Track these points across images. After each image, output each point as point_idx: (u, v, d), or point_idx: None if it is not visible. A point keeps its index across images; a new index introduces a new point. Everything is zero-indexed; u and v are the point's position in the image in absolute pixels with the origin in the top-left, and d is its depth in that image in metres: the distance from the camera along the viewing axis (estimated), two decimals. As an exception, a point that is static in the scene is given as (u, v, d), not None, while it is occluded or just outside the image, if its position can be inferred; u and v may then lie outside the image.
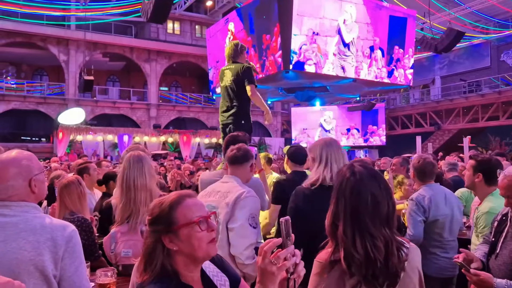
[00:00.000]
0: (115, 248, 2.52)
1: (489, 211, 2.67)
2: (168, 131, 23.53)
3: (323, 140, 2.57)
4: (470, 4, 20.97)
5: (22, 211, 1.55)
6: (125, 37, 24.94)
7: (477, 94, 23.64)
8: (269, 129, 29.43)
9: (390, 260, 1.34)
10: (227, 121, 4.21)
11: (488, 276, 2.02)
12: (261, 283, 1.20)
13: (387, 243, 1.35)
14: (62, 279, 1.52)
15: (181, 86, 30.02)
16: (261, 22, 11.36)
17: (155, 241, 1.27)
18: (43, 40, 22.77)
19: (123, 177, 2.61)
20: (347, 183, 1.42)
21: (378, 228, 1.36)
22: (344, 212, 1.39)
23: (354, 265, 1.33)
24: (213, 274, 1.43)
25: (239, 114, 4.16)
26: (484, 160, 2.93)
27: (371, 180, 1.41)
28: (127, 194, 2.57)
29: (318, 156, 2.46)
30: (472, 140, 21.87)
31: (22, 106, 22.56)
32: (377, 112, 23.76)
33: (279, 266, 1.18)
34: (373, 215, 1.37)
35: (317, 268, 1.41)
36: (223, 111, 4.27)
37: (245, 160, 2.66)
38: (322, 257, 1.42)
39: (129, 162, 2.63)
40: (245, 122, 4.15)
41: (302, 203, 2.37)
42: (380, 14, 11.89)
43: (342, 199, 1.41)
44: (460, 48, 24.32)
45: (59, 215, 2.88)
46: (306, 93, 13.08)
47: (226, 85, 4.22)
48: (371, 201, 1.37)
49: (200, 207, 1.33)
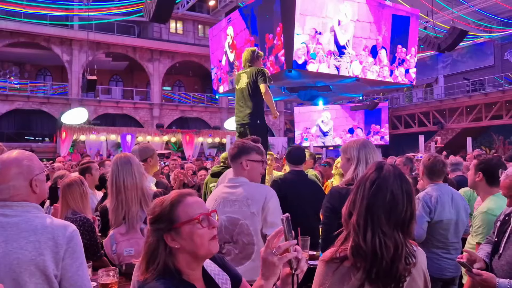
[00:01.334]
0: (116, 248, 2.51)
1: (486, 211, 2.65)
2: (171, 130, 23.57)
3: (358, 141, 2.58)
4: (473, 3, 20.89)
5: (24, 211, 1.55)
6: (128, 37, 25.01)
7: (480, 93, 23.56)
8: (272, 129, 29.42)
9: (395, 264, 1.33)
10: (243, 121, 4.40)
11: (490, 276, 2.02)
12: (263, 274, 1.24)
13: (397, 246, 1.34)
14: (63, 279, 1.52)
15: (184, 85, 30.07)
16: (264, 21, 11.35)
17: (157, 240, 1.27)
18: (47, 40, 22.86)
19: (112, 180, 2.59)
20: (370, 176, 1.42)
21: (391, 229, 1.35)
22: (361, 203, 1.39)
23: (360, 257, 1.32)
24: (215, 273, 1.43)
25: (255, 114, 4.35)
26: (484, 160, 2.92)
27: (396, 180, 1.40)
28: (118, 196, 2.55)
29: (355, 157, 2.47)
30: (475, 139, 21.88)
31: (25, 106, 22.66)
32: (380, 111, 23.73)
33: (280, 257, 1.21)
34: (389, 215, 1.35)
35: (322, 267, 1.41)
36: (239, 111, 4.46)
37: (239, 154, 2.52)
38: (326, 256, 1.41)
39: (117, 165, 2.60)
40: (260, 122, 4.38)
41: (338, 202, 2.35)
42: (383, 13, 11.87)
43: (362, 190, 1.41)
44: (463, 47, 24.25)
45: (61, 214, 2.89)
46: (309, 92, 13.07)
47: (242, 87, 4.43)
48: (389, 200, 1.36)
49: (201, 205, 1.34)
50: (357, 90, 14.59)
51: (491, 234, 2.41)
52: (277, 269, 1.24)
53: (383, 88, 16.93)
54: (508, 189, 2.20)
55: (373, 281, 1.32)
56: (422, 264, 1.42)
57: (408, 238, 1.39)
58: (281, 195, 3.11)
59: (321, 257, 1.46)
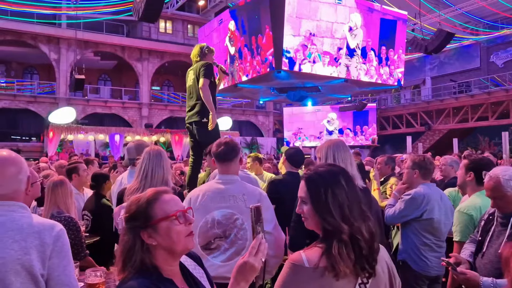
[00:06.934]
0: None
1: (459, 210, 2.72)
2: (160, 130, 23.43)
3: (330, 141, 2.62)
4: (460, 6, 21.17)
5: (9, 210, 1.54)
6: (116, 36, 24.79)
7: (467, 94, 23.88)
8: (261, 129, 29.46)
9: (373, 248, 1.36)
10: (190, 120, 4.24)
11: (474, 274, 2.05)
12: (240, 279, 1.26)
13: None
14: (49, 279, 1.52)
15: (173, 85, 29.92)
16: (254, 21, 11.36)
17: (133, 237, 1.28)
18: (34, 38, 22.56)
19: (141, 167, 2.67)
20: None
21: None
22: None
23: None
24: (192, 268, 1.45)
25: (201, 112, 4.14)
26: (475, 160, 2.98)
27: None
28: (142, 181, 2.62)
29: (324, 156, 2.52)
30: (461, 140, 22.17)
31: (12, 105, 22.34)
32: (368, 112, 23.91)
33: (255, 257, 1.26)
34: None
35: (297, 273, 1.31)
36: (187, 110, 4.30)
37: (235, 155, 2.55)
38: (308, 259, 1.32)
39: (149, 154, 2.70)
40: (208, 120, 4.09)
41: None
42: (372, 17, 12.03)
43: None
44: (450, 49, 24.54)
45: (47, 213, 2.89)
46: (298, 93, 13.09)
47: (189, 84, 4.28)
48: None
49: (177, 202, 1.35)
50: (346, 91, 14.67)
51: (475, 233, 2.45)
52: (255, 272, 1.27)
53: (372, 89, 17.07)
54: (491, 191, 2.24)
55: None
56: (382, 253, 1.44)
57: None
58: (278, 196, 3.13)
59: (292, 260, 1.42)
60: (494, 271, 2.09)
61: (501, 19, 23.24)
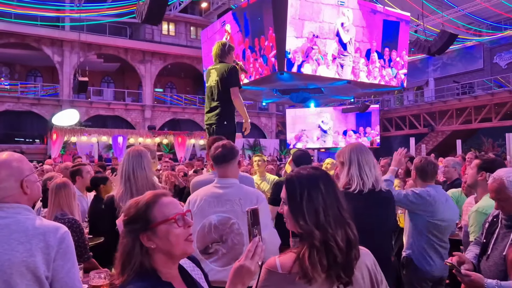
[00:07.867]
0: None
1: (477, 210, 2.70)
2: (163, 132, 23.46)
3: (351, 145, 2.60)
4: (463, 7, 21.13)
5: (14, 212, 1.55)
6: (119, 38, 24.88)
7: (470, 95, 23.80)
8: (264, 131, 29.46)
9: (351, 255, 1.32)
10: (210, 121, 4.18)
11: (478, 276, 2.05)
12: (237, 282, 1.25)
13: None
14: (54, 280, 1.52)
15: (176, 87, 29.99)
16: (256, 23, 11.38)
17: (132, 241, 1.28)
18: (37, 41, 22.66)
19: (122, 170, 2.66)
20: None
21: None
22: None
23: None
24: (191, 269, 1.46)
25: (222, 114, 4.09)
26: (488, 160, 2.99)
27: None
28: (126, 184, 2.61)
29: (347, 160, 2.49)
30: (465, 141, 22.09)
31: (15, 107, 22.43)
32: (371, 113, 23.87)
33: (252, 260, 1.24)
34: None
35: (271, 278, 1.31)
36: (207, 111, 4.24)
37: (232, 157, 2.53)
38: (281, 265, 1.32)
39: (128, 156, 2.69)
40: (228, 123, 4.07)
41: None
42: (375, 19, 12.03)
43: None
44: (453, 50, 24.50)
45: (51, 215, 2.90)
46: (301, 94, 13.09)
47: (211, 85, 4.16)
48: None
49: (176, 205, 1.35)
50: (349, 93, 14.65)
51: (480, 235, 2.44)
52: (252, 275, 1.26)
53: (375, 91, 17.04)
54: (495, 193, 2.23)
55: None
56: (364, 258, 1.40)
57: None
58: None
59: (268, 265, 1.41)
60: (499, 273, 2.08)
61: (504, 20, 23.18)
